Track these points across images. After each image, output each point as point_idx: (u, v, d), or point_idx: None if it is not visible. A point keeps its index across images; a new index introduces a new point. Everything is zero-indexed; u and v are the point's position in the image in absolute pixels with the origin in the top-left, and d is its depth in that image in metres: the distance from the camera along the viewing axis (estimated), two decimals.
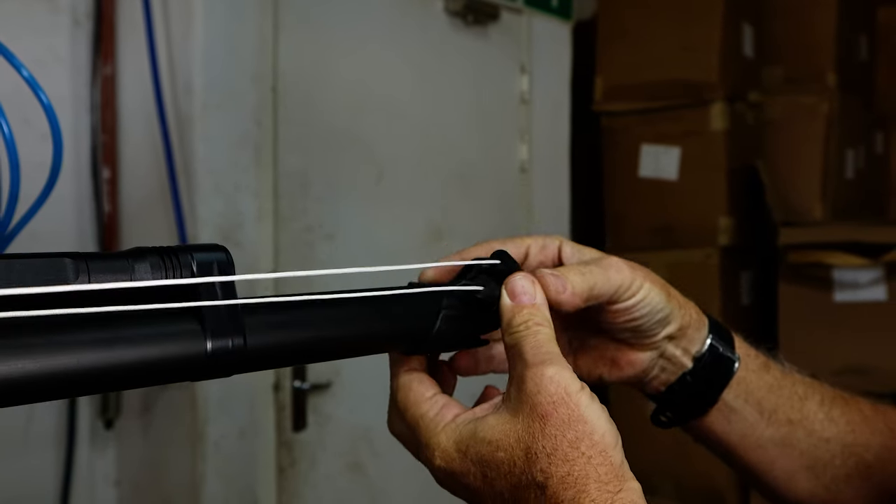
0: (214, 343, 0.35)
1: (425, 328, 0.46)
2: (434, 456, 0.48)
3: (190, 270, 0.35)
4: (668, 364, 0.62)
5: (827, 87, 2.58)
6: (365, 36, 1.93)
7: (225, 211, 1.68)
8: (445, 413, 0.49)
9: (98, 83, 1.78)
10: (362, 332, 0.43)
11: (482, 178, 2.25)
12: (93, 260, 0.33)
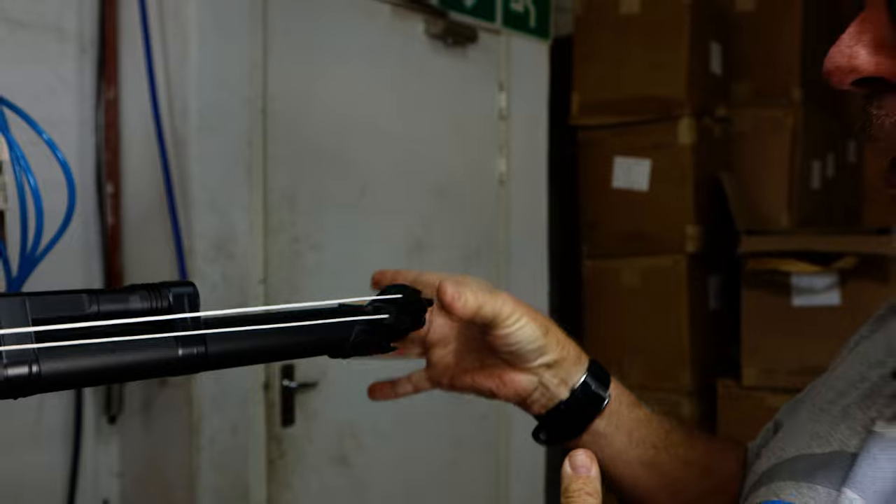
0: (184, 351, 0.51)
1: (344, 340, 0.61)
2: None
3: (168, 300, 0.51)
4: (546, 391, 0.74)
5: (792, 101, 2.74)
6: (349, 59, 2.09)
7: (218, 224, 1.84)
8: None
9: (102, 106, 1.94)
10: (294, 343, 0.58)
11: (461, 191, 2.41)
12: (102, 294, 0.49)
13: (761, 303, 2.40)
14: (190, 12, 1.80)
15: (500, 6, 2.48)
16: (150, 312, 0.51)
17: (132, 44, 1.89)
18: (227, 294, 1.84)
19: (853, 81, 0.46)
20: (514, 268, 2.59)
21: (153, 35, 1.85)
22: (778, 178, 2.73)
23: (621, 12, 2.60)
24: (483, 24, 2.43)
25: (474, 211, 2.47)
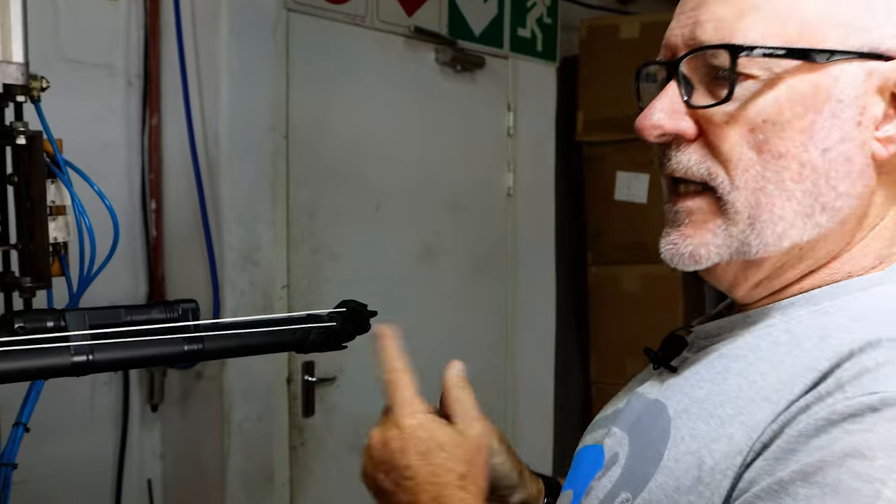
0: (188, 347, 0.76)
1: (304, 339, 0.86)
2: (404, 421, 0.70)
3: (178, 312, 0.76)
4: None
5: None
6: (365, 87, 2.34)
7: (246, 237, 2.11)
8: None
9: (146, 132, 2.22)
10: (267, 342, 0.83)
11: (471, 204, 2.65)
12: (133, 308, 0.75)
13: None
14: (221, 52, 2.07)
15: (507, 33, 2.71)
16: (165, 321, 0.77)
17: (172, 78, 2.16)
18: (254, 298, 2.10)
19: (658, 137, 0.67)
20: (523, 274, 2.83)
21: (190, 71, 2.12)
22: None
23: (622, 37, 2.81)
24: (491, 51, 2.66)
25: (483, 222, 2.71)
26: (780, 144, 0.62)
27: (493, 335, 2.75)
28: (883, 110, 0.62)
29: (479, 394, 2.71)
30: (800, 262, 0.65)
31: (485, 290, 2.71)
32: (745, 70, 0.62)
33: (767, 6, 0.62)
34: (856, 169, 0.62)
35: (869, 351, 0.55)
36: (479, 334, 2.71)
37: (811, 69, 0.61)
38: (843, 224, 0.63)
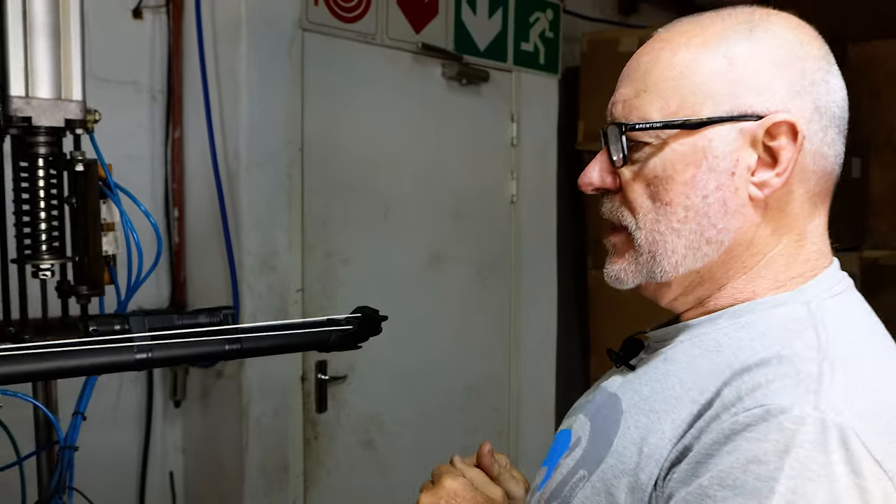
0: (229, 347, 0.91)
1: (326, 340, 1.01)
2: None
3: (219, 317, 0.91)
4: None
5: None
6: (375, 101, 2.49)
7: (263, 242, 2.25)
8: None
9: (170, 144, 2.37)
10: (295, 342, 0.98)
11: (476, 211, 2.79)
12: (184, 313, 0.89)
13: None
14: (241, 69, 2.21)
15: (511, 47, 2.85)
16: (210, 324, 0.92)
17: (194, 93, 2.31)
18: (271, 301, 2.25)
19: (592, 190, 0.83)
20: (526, 278, 2.97)
21: (211, 87, 2.27)
22: None
23: (621, 50, 2.95)
24: (495, 65, 2.80)
25: (488, 229, 2.85)
26: (668, 195, 0.77)
27: (497, 337, 2.89)
28: (756, 160, 0.76)
29: (483, 393, 2.92)
30: (703, 283, 0.80)
31: (489, 293, 2.86)
32: (642, 139, 0.78)
33: (655, 87, 0.78)
34: (731, 209, 0.77)
35: (763, 367, 0.70)
36: (483, 336, 2.85)
37: (690, 134, 0.76)
38: (730, 252, 0.78)
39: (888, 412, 0.67)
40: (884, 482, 0.63)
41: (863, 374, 0.69)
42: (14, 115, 1.04)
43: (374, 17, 2.44)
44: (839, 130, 0.80)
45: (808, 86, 0.76)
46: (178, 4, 2.34)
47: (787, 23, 0.80)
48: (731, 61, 0.76)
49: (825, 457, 0.63)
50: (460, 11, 2.68)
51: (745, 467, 0.64)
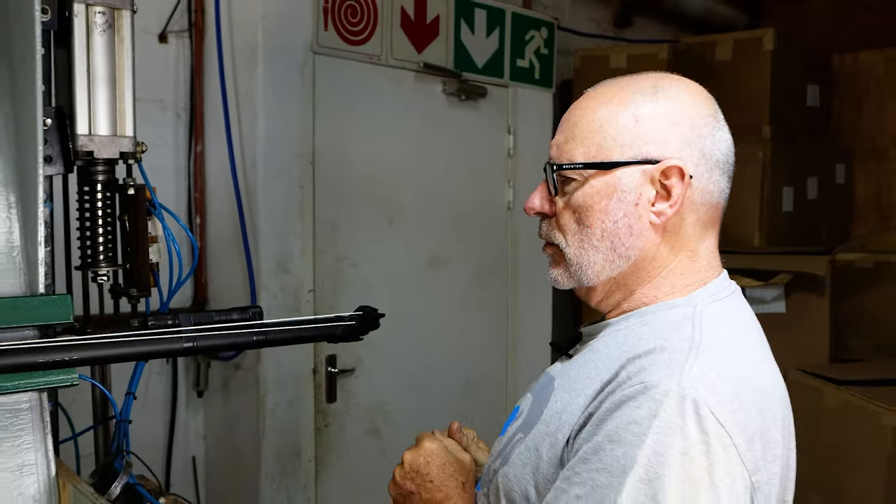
0: (256, 338, 1.15)
1: (334, 333, 1.25)
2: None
3: (248, 314, 1.15)
4: None
5: (762, 138, 3.27)
6: (380, 117, 2.73)
7: (279, 248, 2.50)
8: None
9: (192, 158, 2.62)
10: (309, 335, 1.22)
11: (474, 217, 3.03)
12: (220, 312, 1.14)
13: None
14: (257, 89, 2.45)
15: (507, 64, 3.09)
16: (241, 320, 1.16)
17: (215, 111, 2.56)
18: (285, 301, 2.49)
19: (534, 213, 1.07)
20: (522, 281, 3.20)
21: (230, 106, 2.51)
22: (751, 204, 3.26)
23: (611, 66, 3.18)
24: (492, 81, 3.04)
25: (486, 234, 3.09)
26: (588, 220, 1.01)
27: (495, 336, 3.13)
28: (655, 194, 1.00)
29: (481, 390, 3.23)
30: (619, 288, 1.04)
31: (487, 295, 3.09)
32: (570, 176, 1.02)
33: (580, 136, 1.02)
34: (636, 231, 1.00)
35: (648, 355, 0.94)
36: (481, 335, 3.09)
37: (604, 173, 1.00)
38: (637, 265, 1.02)
39: (741, 391, 0.91)
40: (724, 439, 0.87)
41: (723, 360, 0.93)
42: (80, 150, 1.28)
43: (379, 40, 2.68)
44: (723, 172, 1.03)
45: (696, 138, 1.00)
46: (199, 30, 2.59)
47: (685, 87, 1.03)
48: (636, 118, 1.00)
49: (681, 419, 0.86)
50: (459, 32, 2.91)
51: (626, 427, 0.88)
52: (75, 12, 1.26)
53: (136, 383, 1.37)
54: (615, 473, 0.87)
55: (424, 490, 1.13)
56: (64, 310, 1.11)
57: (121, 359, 1.08)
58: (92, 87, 1.29)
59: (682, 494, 0.85)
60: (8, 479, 1.09)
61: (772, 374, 1.00)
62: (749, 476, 0.89)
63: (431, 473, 1.13)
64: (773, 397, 0.96)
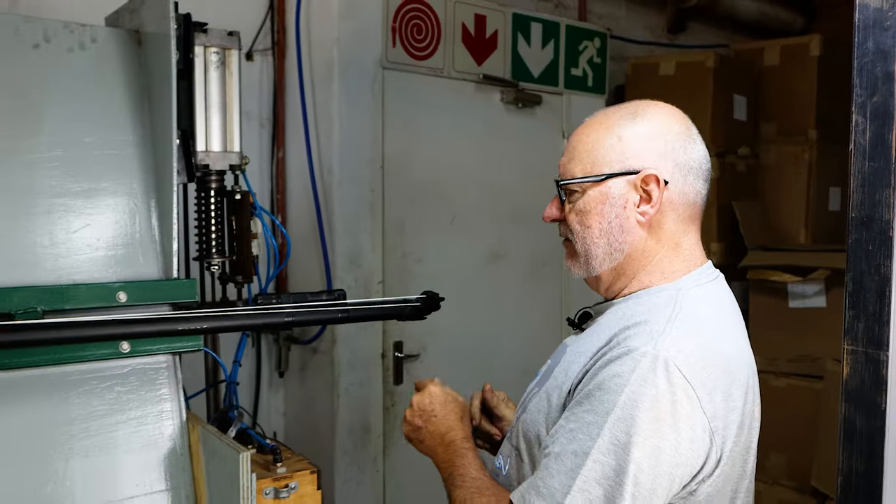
0: (341, 314, 1.46)
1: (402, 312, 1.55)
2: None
3: (335, 296, 1.46)
4: None
5: (808, 139, 3.46)
6: (443, 125, 3.03)
7: (351, 244, 2.82)
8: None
9: (275, 162, 2.96)
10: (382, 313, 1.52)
11: (530, 217, 3.30)
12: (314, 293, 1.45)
13: (765, 305, 3.16)
14: (333, 102, 2.78)
15: (562, 73, 3.35)
16: (329, 300, 1.47)
17: (295, 122, 2.89)
18: (357, 292, 2.81)
19: (550, 220, 1.35)
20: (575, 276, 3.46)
21: (309, 116, 2.84)
22: (797, 203, 3.46)
23: (661, 73, 3.41)
24: (548, 89, 3.31)
25: (541, 232, 3.35)
26: (588, 221, 1.28)
27: (548, 325, 3.40)
28: (639, 198, 1.26)
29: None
30: (619, 277, 1.31)
31: (541, 288, 3.37)
32: (573, 188, 1.30)
33: (578, 156, 1.30)
34: (626, 229, 1.27)
35: (634, 327, 1.20)
36: (536, 325, 3.37)
37: (598, 184, 1.27)
38: (630, 256, 1.28)
39: (707, 356, 1.17)
40: (689, 391, 1.14)
41: (695, 332, 1.19)
42: (199, 164, 1.61)
43: (442, 55, 2.98)
44: (697, 177, 1.28)
45: (669, 151, 1.26)
46: (281, 49, 2.92)
47: (661, 110, 1.30)
48: (620, 138, 1.27)
49: (653, 374, 1.14)
50: (516, 45, 3.19)
51: (611, 379, 1.16)
52: (196, 53, 1.59)
53: (241, 352, 1.70)
54: (600, 413, 1.15)
55: (430, 424, 1.45)
56: (192, 290, 1.45)
57: (238, 328, 1.40)
58: (208, 112, 1.62)
59: (650, 430, 1.12)
60: (151, 422, 1.43)
61: (738, 344, 1.25)
62: (708, 422, 1.15)
63: (435, 410, 1.46)
64: (737, 362, 1.22)
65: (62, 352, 1.33)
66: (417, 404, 1.48)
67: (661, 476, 1.13)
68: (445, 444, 1.42)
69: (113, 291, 1.39)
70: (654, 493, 1.13)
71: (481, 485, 1.31)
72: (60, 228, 1.42)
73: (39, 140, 1.41)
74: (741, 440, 1.22)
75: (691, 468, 1.16)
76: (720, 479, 1.19)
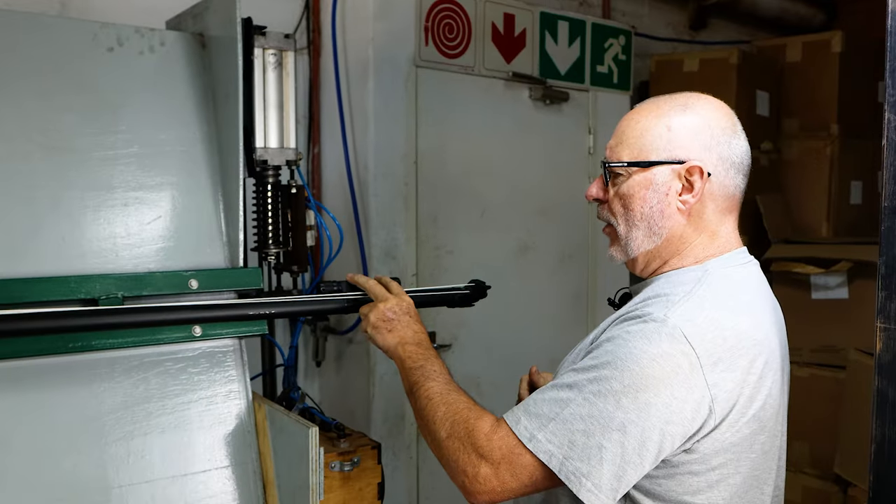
0: None
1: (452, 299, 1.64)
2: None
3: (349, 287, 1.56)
4: None
5: (831, 134, 3.53)
6: (473, 121, 3.12)
7: (387, 237, 2.92)
8: None
9: (311, 158, 3.06)
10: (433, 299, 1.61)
11: (557, 210, 3.40)
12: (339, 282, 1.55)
13: (788, 296, 3.23)
14: (368, 99, 2.88)
15: (588, 71, 3.44)
16: None
17: (330, 118, 2.99)
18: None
19: (592, 199, 1.43)
20: (601, 268, 3.55)
21: (345, 113, 2.94)
22: (819, 196, 3.54)
23: (684, 69, 3.49)
24: (574, 86, 3.40)
25: (568, 225, 3.45)
26: (631, 205, 1.36)
27: (575, 315, 3.50)
28: (681, 187, 1.34)
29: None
30: (654, 259, 1.39)
31: (569, 279, 3.46)
32: (619, 171, 1.37)
33: (626, 141, 1.36)
34: (666, 215, 1.35)
35: (654, 299, 1.29)
36: (563, 314, 3.46)
37: (644, 170, 1.34)
38: (668, 241, 1.37)
39: (715, 328, 1.24)
40: (692, 357, 1.20)
41: (709, 306, 1.26)
42: (258, 159, 1.71)
43: (472, 53, 3.07)
44: (737, 171, 1.36)
45: (714, 145, 1.33)
46: (317, 49, 3.02)
47: (710, 104, 1.38)
48: (668, 128, 1.34)
49: (658, 335, 1.21)
50: (544, 43, 3.28)
51: (618, 335, 1.25)
52: (255, 55, 1.69)
53: (296, 337, 1.80)
54: (600, 360, 1.24)
55: (391, 322, 1.52)
56: (256, 278, 1.55)
57: (303, 313, 1.50)
58: (266, 110, 1.72)
59: (643, 385, 1.19)
60: (220, 401, 1.53)
61: (751, 323, 1.29)
62: (708, 389, 1.22)
63: (410, 311, 1.55)
64: (750, 339, 1.27)
65: (141, 335, 1.43)
66: (396, 303, 1.53)
67: (652, 430, 1.20)
68: (417, 343, 1.52)
69: (185, 279, 1.49)
70: (643, 444, 1.20)
71: (458, 388, 1.44)
72: (135, 220, 1.52)
73: (117, 137, 1.51)
74: (749, 413, 1.27)
75: (685, 428, 1.21)
76: (718, 443, 1.25)
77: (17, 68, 1.47)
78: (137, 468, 1.43)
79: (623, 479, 1.21)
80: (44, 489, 1.34)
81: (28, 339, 1.32)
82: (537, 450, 1.24)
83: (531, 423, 1.25)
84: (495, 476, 1.28)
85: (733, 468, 1.28)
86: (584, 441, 1.21)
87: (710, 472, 1.27)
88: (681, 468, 1.26)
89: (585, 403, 1.21)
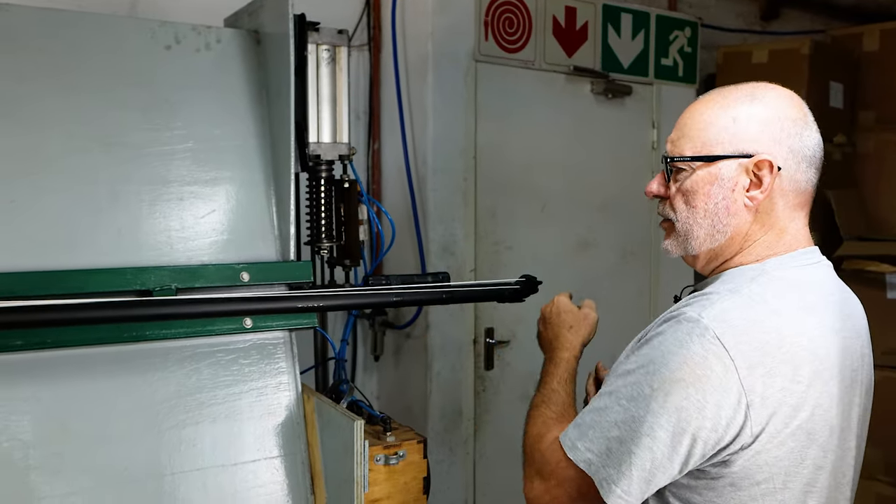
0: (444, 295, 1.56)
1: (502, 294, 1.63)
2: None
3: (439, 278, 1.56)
4: None
5: None
6: (534, 116, 3.10)
7: (444, 233, 2.92)
8: None
9: (370, 153, 3.09)
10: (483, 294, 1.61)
11: (619, 205, 3.35)
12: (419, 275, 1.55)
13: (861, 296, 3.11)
14: (427, 94, 2.88)
15: (652, 64, 3.38)
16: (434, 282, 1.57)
17: (390, 114, 3.01)
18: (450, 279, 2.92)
19: (652, 196, 1.39)
20: (664, 265, 3.50)
21: (404, 109, 2.96)
22: None
23: (753, 61, 3.41)
24: (637, 79, 3.35)
25: (630, 221, 3.40)
26: (694, 202, 1.32)
27: (637, 314, 3.45)
28: (749, 182, 1.29)
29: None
30: (717, 257, 1.35)
31: (630, 276, 3.41)
32: (681, 166, 1.32)
33: (689, 134, 1.32)
34: (732, 213, 1.30)
35: (699, 297, 1.26)
36: (625, 313, 3.41)
37: (709, 165, 1.30)
38: (732, 239, 1.32)
39: (754, 330, 1.20)
40: (725, 359, 1.17)
41: (749, 306, 1.22)
42: (311, 154, 1.74)
43: (533, 47, 3.05)
44: (809, 164, 1.30)
45: (784, 137, 1.28)
46: (377, 44, 3.05)
47: (778, 94, 1.32)
48: (735, 120, 1.29)
49: (689, 337, 1.19)
50: (606, 36, 3.24)
51: (654, 337, 1.23)
52: (309, 51, 1.71)
53: (348, 330, 1.83)
54: (635, 364, 1.23)
55: (546, 330, 1.65)
56: (307, 272, 1.57)
57: (351, 307, 1.52)
58: (319, 105, 1.74)
59: (673, 389, 1.17)
60: (270, 393, 1.56)
61: (799, 328, 1.24)
62: (745, 393, 1.17)
63: (552, 318, 1.65)
64: (795, 344, 1.22)
65: (193, 326, 1.47)
66: (542, 311, 1.65)
67: (683, 434, 1.17)
68: (549, 351, 1.60)
69: (237, 272, 1.52)
70: (674, 449, 1.18)
71: (555, 398, 1.47)
72: (189, 214, 1.56)
73: (173, 133, 1.55)
74: (793, 423, 1.22)
75: (718, 434, 1.18)
76: (761, 457, 1.20)
77: (79, 66, 1.53)
78: (189, 456, 1.47)
79: (652, 483, 1.21)
80: (99, 474, 1.39)
81: (85, 328, 1.37)
82: (577, 459, 1.24)
83: (574, 432, 1.27)
84: (546, 491, 1.30)
85: (780, 482, 1.23)
86: (618, 448, 1.20)
87: (753, 487, 1.22)
88: (720, 481, 1.23)
89: (620, 410, 1.21)
